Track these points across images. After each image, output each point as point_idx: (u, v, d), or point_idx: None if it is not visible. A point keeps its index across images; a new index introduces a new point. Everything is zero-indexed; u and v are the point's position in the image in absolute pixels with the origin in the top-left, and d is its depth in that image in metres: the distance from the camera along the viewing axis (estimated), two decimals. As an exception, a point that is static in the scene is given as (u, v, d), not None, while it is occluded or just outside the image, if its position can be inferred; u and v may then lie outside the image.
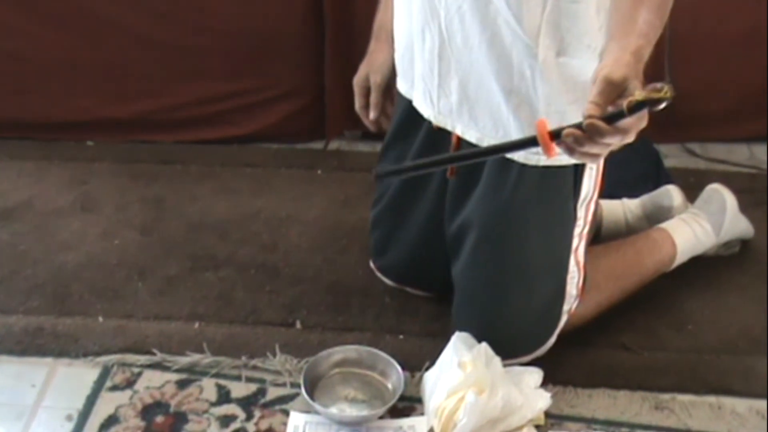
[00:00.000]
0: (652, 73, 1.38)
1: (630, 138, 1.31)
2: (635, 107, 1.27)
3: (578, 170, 1.71)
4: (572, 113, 1.59)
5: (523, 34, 1.56)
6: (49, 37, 2.44)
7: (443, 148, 1.78)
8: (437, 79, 1.71)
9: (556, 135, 1.33)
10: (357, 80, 1.91)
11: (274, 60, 2.48)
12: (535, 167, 1.68)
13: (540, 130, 1.33)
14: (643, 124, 1.31)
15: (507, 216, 1.74)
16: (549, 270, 1.79)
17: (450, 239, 1.84)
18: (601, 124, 1.29)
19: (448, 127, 1.74)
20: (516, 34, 1.57)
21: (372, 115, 1.90)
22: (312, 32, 2.43)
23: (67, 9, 2.41)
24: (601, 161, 1.72)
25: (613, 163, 1.80)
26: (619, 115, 1.29)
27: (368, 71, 1.89)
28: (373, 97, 1.89)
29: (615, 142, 1.31)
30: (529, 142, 1.37)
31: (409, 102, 1.83)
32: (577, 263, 1.80)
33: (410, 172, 1.66)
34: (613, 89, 1.30)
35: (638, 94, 1.28)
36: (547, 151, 1.34)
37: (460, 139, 1.74)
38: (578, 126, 1.31)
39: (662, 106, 1.28)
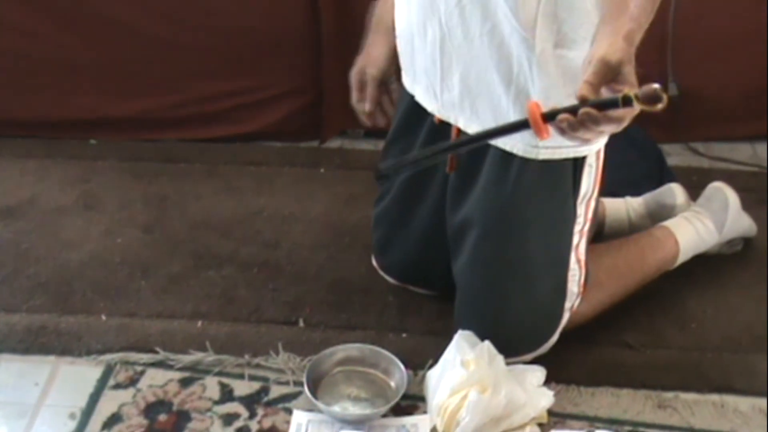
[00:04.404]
0: (657, 72, 1.38)
1: (623, 126, 1.32)
2: (628, 102, 1.28)
3: (577, 167, 1.71)
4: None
5: (520, 26, 1.56)
6: (52, 35, 2.44)
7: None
8: (439, 73, 1.71)
9: (549, 117, 1.33)
10: (354, 73, 1.89)
11: (277, 58, 2.48)
12: (535, 162, 1.67)
13: (532, 112, 1.33)
14: (635, 111, 1.31)
15: (508, 213, 1.74)
16: (550, 267, 1.79)
17: (451, 235, 1.84)
18: (594, 112, 1.30)
19: (451, 121, 1.74)
20: (514, 27, 1.57)
21: (367, 107, 1.88)
22: (313, 30, 2.43)
23: (70, 8, 2.41)
24: (600, 160, 1.73)
25: (617, 162, 1.80)
26: (613, 103, 1.30)
27: (365, 64, 1.88)
28: (369, 90, 1.87)
29: (609, 130, 1.33)
30: (522, 125, 1.37)
31: (412, 99, 1.82)
32: (578, 260, 1.80)
33: (411, 165, 1.65)
34: (609, 71, 1.32)
35: (633, 91, 1.29)
36: (539, 134, 1.34)
37: (459, 134, 1.74)
38: (573, 111, 1.31)
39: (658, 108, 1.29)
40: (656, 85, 1.28)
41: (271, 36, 2.44)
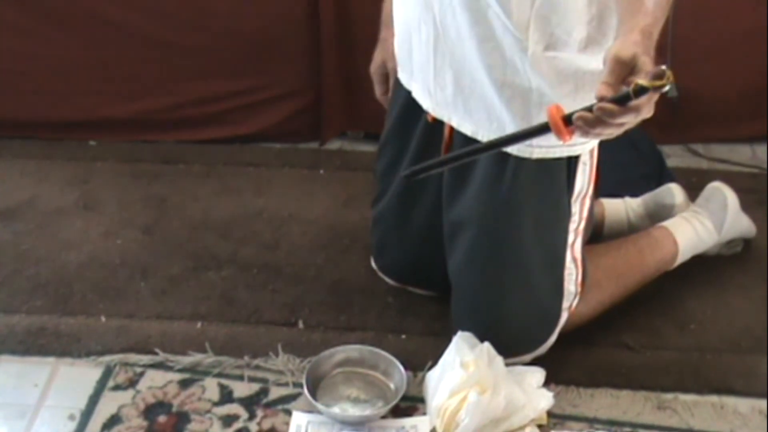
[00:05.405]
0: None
1: (646, 114, 1.30)
2: (640, 91, 1.27)
3: (571, 166, 1.71)
4: (566, 106, 1.58)
5: (513, 28, 1.56)
6: (51, 36, 2.44)
7: (441, 142, 1.79)
8: (433, 71, 1.71)
9: (568, 120, 1.33)
10: (373, 68, 1.93)
11: (276, 59, 2.48)
12: (530, 161, 1.67)
13: (552, 116, 1.33)
14: (654, 98, 1.30)
15: (503, 212, 1.73)
16: (545, 266, 1.79)
17: (445, 234, 1.84)
18: (610, 106, 1.29)
19: (445, 119, 1.74)
20: (506, 28, 1.57)
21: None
22: (313, 31, 2.43)
23: (70, 9, 2.41)
24: (594, 159, 1.73)
25: (617, 163, 1.80)
26: (626, 98, 1.28)
27: (384, 58, 1.90)
28: (392, 83, 1.90)
29: (629, 120, 1.31)
30: (543, 129, 1.37)
31: (405, 99, 1.83)
32: (575, 259, 1.80)
33: (436, 168, 1.64)
34: (623, 67, 1.30)
35: (642, 79, 1.27)
36: (561, 137, 1.34)
37: (452, 132, 1.75)
38: (589, 109, 1.31)
39: (666, 89, 1.28)
40: (661, 67, 1.27)
41: (271, 37, 2.44)
